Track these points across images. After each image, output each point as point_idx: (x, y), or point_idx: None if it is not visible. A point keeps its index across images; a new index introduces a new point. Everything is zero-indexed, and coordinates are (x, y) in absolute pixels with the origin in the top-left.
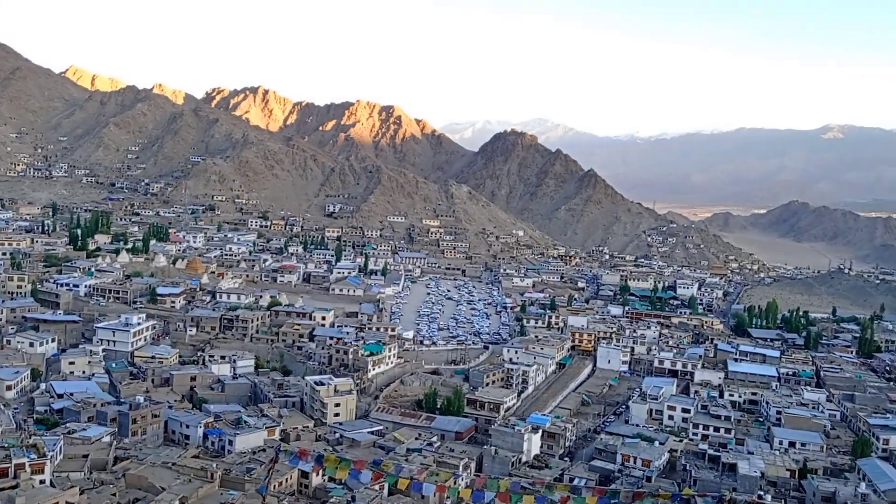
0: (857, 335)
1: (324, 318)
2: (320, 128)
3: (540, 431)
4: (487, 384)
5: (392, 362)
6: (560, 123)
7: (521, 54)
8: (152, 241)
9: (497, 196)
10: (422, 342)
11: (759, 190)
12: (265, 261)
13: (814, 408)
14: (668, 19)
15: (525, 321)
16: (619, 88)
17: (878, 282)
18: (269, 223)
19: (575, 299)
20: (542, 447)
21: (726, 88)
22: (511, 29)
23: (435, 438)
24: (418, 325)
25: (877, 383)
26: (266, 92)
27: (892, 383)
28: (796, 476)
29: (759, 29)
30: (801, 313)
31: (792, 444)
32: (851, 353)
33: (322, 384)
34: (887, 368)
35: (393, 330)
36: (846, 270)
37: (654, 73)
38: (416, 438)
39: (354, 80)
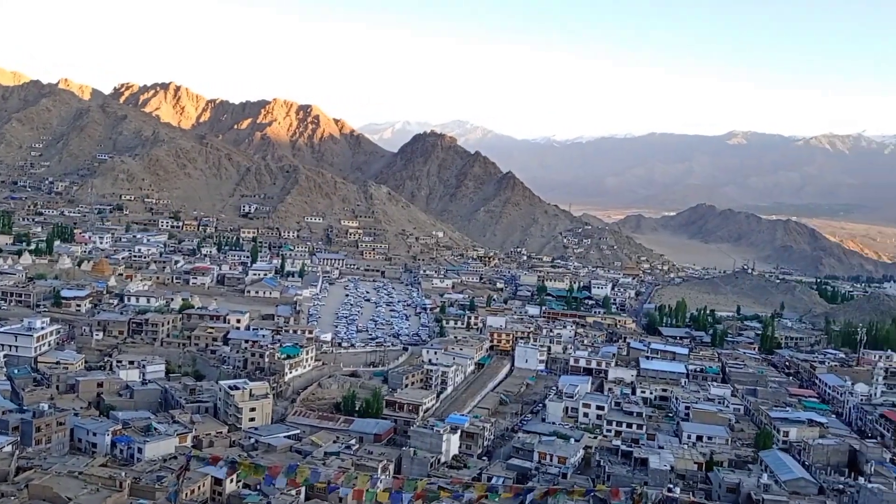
0: (760, 332)
1: (238, 321)
2: (235, 126)
3: (458, 432)
4: (407, 385)
5: (309, 365)
6: (479, 126)
7: (441, 56)
8: (56, 242)
9: (417, 197)
10: (340, 344)
11: (669, 193)
12: (177, 262)
13: (720, 403)
14: (584, 28)
15: (444, 322)
16: (537, 93)
17: (778, 281)
18: (181, 224)
19: (494, 300)
20: (460, 447)
21: (639, 94)
22: (431, 31)
23: (353, 441)
24: (336, 327)
25: (777, 378)
26: (178, 88)
27: (791, 378)
28: (703, 469)
29: (669, 39)
30: (708, 312)
31: (699, 438)
32: (754, 349)
33: (237, 388)
34: (787, 364)
35: (310, 332)
36: (749, 271)
37: (571, 78)
38: (335, 441)
39: (271, 79)
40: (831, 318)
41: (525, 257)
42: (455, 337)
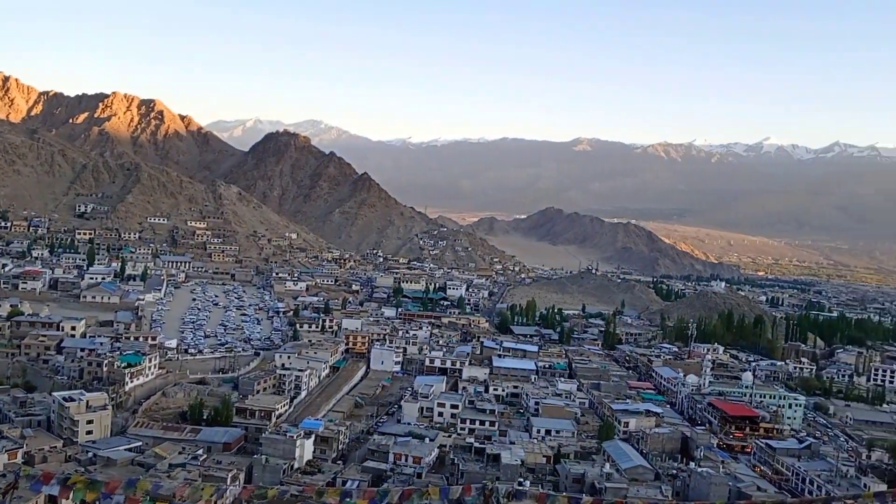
0: (603, 329)
1: (73, 329)
2: (71, 120)
3: (313, 437)
4: (258, 392)
5: (153, 373)
6: (334, 126)
7: (293, 54)
8: None
9: (269, 197)
10: (187, 351)
11: (520, 196)
12: (4, 266)
13: (567, 397)
14: (439, 32)
15: (298, 325)
16: (392, 95)
17: (619, 281)
18: (9, 224)
19: (349, 302)
20: (315, 452)
21: (491, 99)
22: (285, 28)
23: (201, 451)
24: (182, 332)
25: (619, 372)
26: (6, 79)
27: (631, 371)
28: (552, 461)
29: (522, 47)
30: (556, 311)
31: (548, 432)
32: (598, 345)
33: (72, 400)
34: (627, 358)
35: (153, 339)
36: (593, 271)
37: (427, 82)
38: (180, 453)
39: (110, 71)
40: (666, 314)
41: (381, 259)
42: (309, 340)
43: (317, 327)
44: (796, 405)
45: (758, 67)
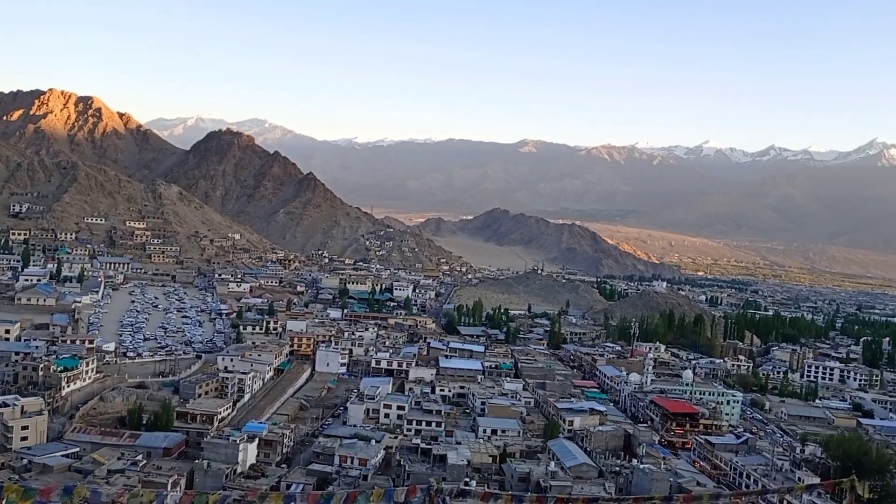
0: (548, 329)
1: (8, 332)
2: (5, 118)
3: (256, 440)
4: (200, 395)
5: (90, 377)
6: (279, 125)
7: (237, 52)
8: None
9: (211, 197)
10: (125, 354)
11: (467, 197)
12: None
13: (513, 397)
14: (383, 33)
15: (242, 327)
16: (338, 94)
17: (564, 281)
18: None
19: (294, 303)
20: (258, 456)
21: (438, 100)
22: (227, 25)
23: (140, 457)
24: (121, 335)
25: (564, 371)
26: None
27: (575, 370)
28: (498, 461)
29: (466, 46)
30: (502, 311)
31: (494, 432)
32: (544, 345)
33: (6, 405)
34: (572, 357)
35: (91, 342)
36: (539, 271)
37: (373, 82)
38: (119, 458)
39: (46, 67)
40: (610, 314)
41: (327, 260)
42: (253, 343)
43: (261, 329)
44: (734, 402)
45: (696, 71)
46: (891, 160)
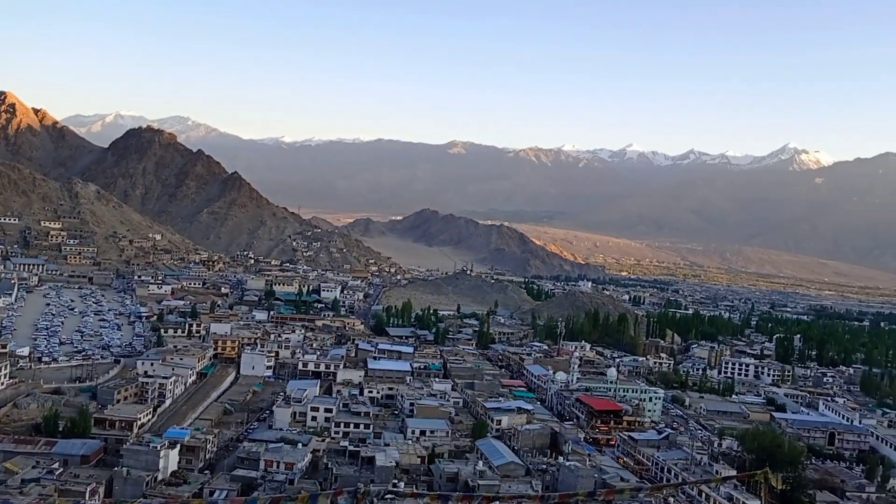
0: (477, 329)
1: None
2: None
3: (178, 446)
4: (119, 401)
5: (3, 383)
6: (202, 123)
7: (158, 47)
8: None
9: (131, 197)
10: (40, 359)
11: (396, 198)
12: None
13: (441, 397)
14: (310, 29)
15: (163, 331)
16: (264, 92)
17: (493, 281)
18: None
19: (218, 306)
20: (180, 462)
21: (366, 100)
22: (148, 19)
23: (57, 465)
24: (35, 339)
25: (492, 371)
26: None
27: (503, 370)
28: (426, 461)
29: (394, 46)
30: (431, 311)
31: (423, 433)
32: (472, 345)
33: None
34: (500, 357)
35: (3, 346)
36: (468, 272)
37: (300, 81)
38: (34, 467)
39: None
40: (537, 313)
41: (252, 261)
42: (175, 346)
43: (183, 332)
44: (656, 398)
45: (620, 76)
46: (801, 165)
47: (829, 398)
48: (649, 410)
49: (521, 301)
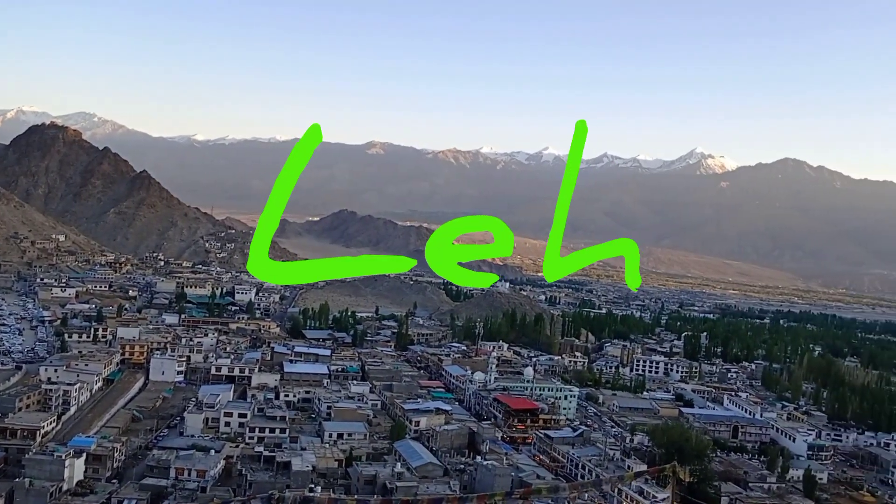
0: (396, 331)
1: None
2: None
3: (84, 455)
4: (20, 409)
5: None
6: (109, 120)
7: (62, 39)
8: None
9: (33, 196)
10: None
11: (313, 198)
12: None
13: (359, 400)
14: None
15: (67, 336)
16: (175, 88)
17: (411, 283)
18: None
19: (126, 309)
20: (87, 472)
21: (282, 99)
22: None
23: None
24: None
25: (410, 372)
26: None
27: (422, 371)
28: (344, 465)
29: (311, 45)
30: (349, 313)
31: (340, 436)
32: (391, 346)
33: None
34: (419, 358)
35: None
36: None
37: (213, 77)
38: None
39: None
40: (456, 314)
41: (162, 263)
42: (79, 352)
43: (88, 337)
44: (570, 396)
45: (536, 80)
46: (707, 169)
47: (733, 393)
48: (565, 408)
49: (440, 302)
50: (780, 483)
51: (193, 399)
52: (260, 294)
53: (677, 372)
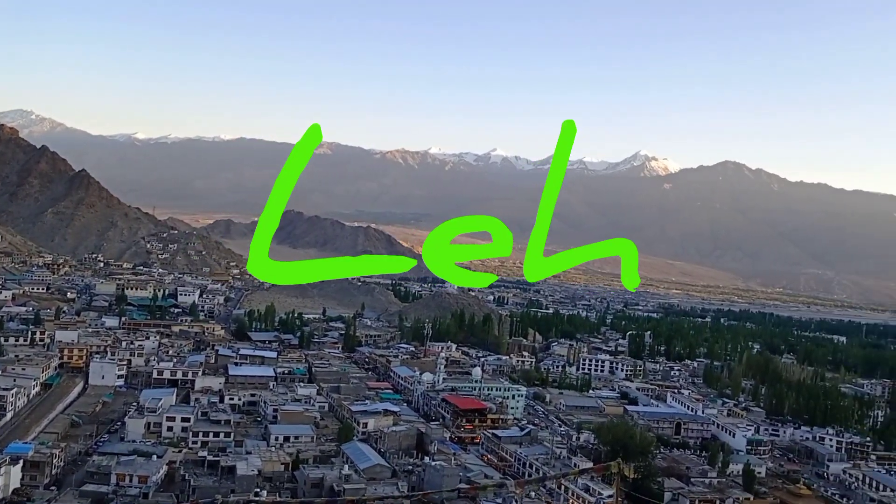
0: (343, 332)
1: None
2: None
3: (21, 462)
4: None
5: None
6: (47, 117)
7: None
8: None
9: None
10: None
11: (259, 198)
12: None
13: (306, 402)
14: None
15: (3, 339)
16: (116, 85)
17: (360, 284)
18: None
19: (64, 312)
20: (24, 479)
21: (227, 97)
22: None
23: None
24: None
25: (358, 374)
26: None
27: (370, 372)
28: (290, 468)
29: (258, 43)
30: (296, 315)
31: (286, 439)
32: (338, 348)
33: None
34: (367, 360)
35: None
36: None
37: (155, 73)
38: None
39: None
40: (404, 315)
41: (102, 264)
42: (16, 356)
43: (25, 341)
44: (518, 396)
45: (485, 83)
46: (651, 171)
47: (676, 390)
48: (512, 408)
49: (388, 303)
50: (721, 478)
51: (135, 403)
52: (204, 296)
53: (622, 370)
